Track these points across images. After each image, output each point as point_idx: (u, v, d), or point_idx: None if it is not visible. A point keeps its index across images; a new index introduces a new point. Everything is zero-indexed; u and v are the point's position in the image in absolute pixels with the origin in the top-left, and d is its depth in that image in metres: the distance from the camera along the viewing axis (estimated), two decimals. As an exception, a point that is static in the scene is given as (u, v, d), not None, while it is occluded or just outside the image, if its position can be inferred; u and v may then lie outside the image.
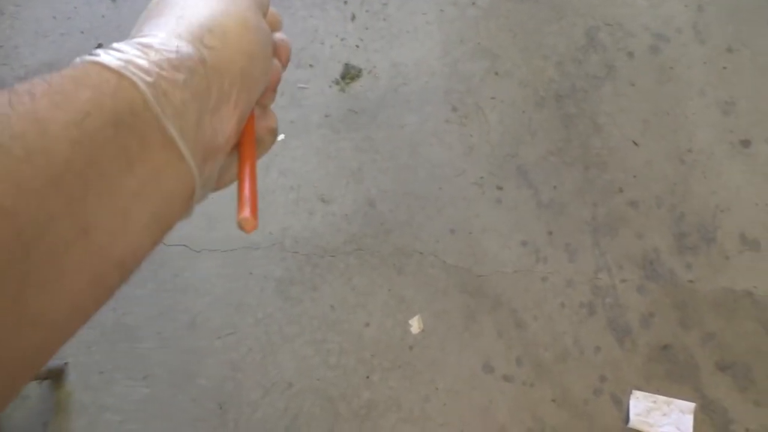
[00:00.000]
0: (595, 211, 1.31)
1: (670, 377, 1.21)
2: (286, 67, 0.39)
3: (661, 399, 1.19)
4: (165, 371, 1.25)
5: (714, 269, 1.26)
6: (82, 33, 1.44)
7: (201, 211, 0.57)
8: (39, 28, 1.45)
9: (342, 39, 1.45)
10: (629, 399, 1.19)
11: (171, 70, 0.27)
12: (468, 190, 1.33)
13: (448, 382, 1.22)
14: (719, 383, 1.20)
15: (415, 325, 1.26)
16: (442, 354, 1.24)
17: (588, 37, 1.42)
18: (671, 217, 1.30)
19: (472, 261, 1.29)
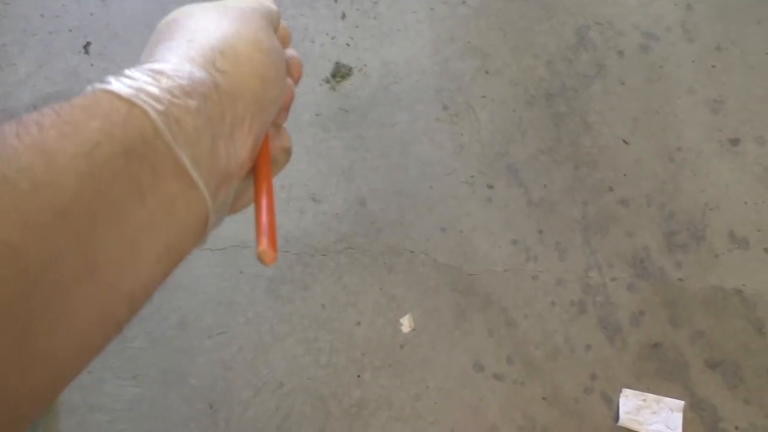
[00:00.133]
0: (586, 210, 1.31)
1: (659, 375, 1.21)
2: (298, 84, 0.38)
3: (651, 397, 1.19)
4: (155, 371, 1.24)
5: (703, 267, 1.27)
6: (70, 31, 1.44)
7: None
8: (27, 26, 1.44)
9: (332, 37, 1.44)
10: (619, 397, 1.20)
11: (183, 96, 0.26)
12: (458, 188, 1.33)
13: (438, 380, 1.22)
14: (708, 381, 1.21)
15: (406, 324, 1.26)
16: (432, 352, 1.24)
17: (578, 36, 1.43)
18: (661, 216, 1.30)
19: (462, 260, 1.29)
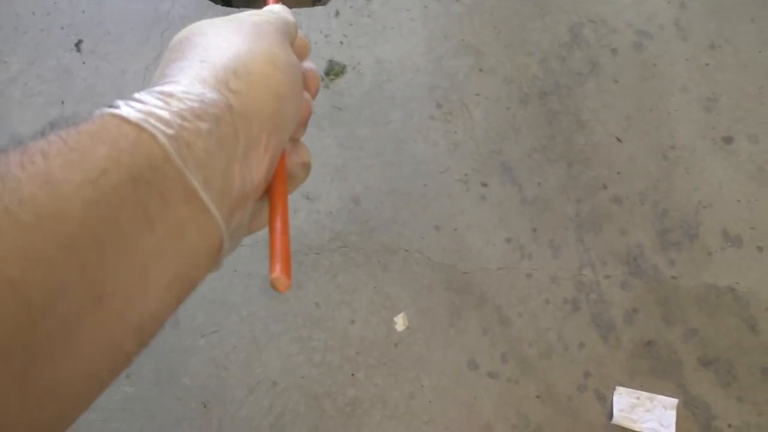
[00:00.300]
0: (579, 208, 1.31)
1: (653, 373, 1.22)
2: (315, 97, 0.37)
3: (645, 395, 1.20)
4: (148, 370, 1.24)
5: (697, 265, 1.27)
6: (62, 29, 1.43)
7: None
8: (18, 23, 1.43)
9: (326, 35, 1.44)
10: (613, 395, 1.20)
11: (194, 119, 0.25)
12: (452, 186, 1.33)
13: (433, 379, 1.22)
14: (702, 379, 1.21)
15: (400, 322, 1.26)
16: (427, 351, 1.24)
17: (572, 34, 1.43)
18: (654, 214, 1.30)
19: (456, 258, 1.29)
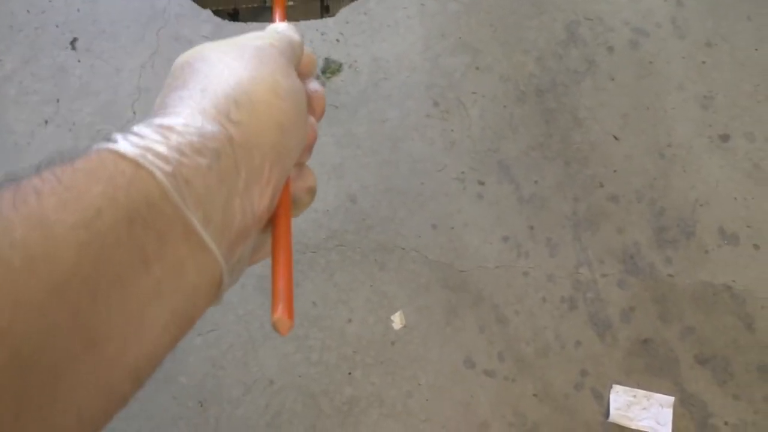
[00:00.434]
0: (576, 206, 1.31)
1: (650, 371, 1.22)
2: (320, 119, 0.36)
3: (641, 393, 1.20)
4: (145, 369, 1.24)
5: (693, 263, 1.27)
6: (57, 27, 1.42)
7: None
8: (13, 21, 1.43)
9: (322, 33, 1.43)
10: (609, 393, 1.20)
11: (193, 154, 0.25)
12: (449, 185, 1.33)
13: (430, 377, 1.22)
14: (698, 377, 1.21)
15: (397, 321, 1.25)
16: (424, 349, 1.24)
17: (568, 32, 1.42)
18: (651, 212, 1.30)
19: (453, 256, 1.29)
